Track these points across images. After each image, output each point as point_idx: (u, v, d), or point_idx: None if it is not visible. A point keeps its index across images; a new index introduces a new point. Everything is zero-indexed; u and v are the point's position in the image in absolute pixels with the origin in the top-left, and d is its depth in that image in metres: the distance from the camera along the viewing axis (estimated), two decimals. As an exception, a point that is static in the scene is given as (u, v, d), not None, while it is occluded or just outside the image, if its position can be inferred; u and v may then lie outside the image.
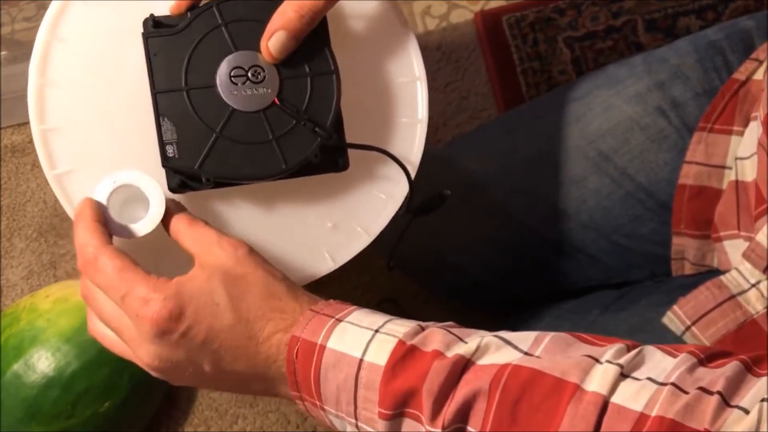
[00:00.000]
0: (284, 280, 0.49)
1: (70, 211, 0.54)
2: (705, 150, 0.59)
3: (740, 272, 0.53)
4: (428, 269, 0.74)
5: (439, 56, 1.21)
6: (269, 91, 0.51)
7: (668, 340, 0.56)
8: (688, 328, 0.55)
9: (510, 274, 0.69)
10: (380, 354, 0.42)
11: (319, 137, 0.51)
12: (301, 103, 0.51)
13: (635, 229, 0.64)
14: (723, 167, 0.59)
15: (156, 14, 0.51)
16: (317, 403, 0.45)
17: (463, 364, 0.40)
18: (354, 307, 0.47)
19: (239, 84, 0.50)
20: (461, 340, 0.42)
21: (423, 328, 0.44)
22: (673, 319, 0.55)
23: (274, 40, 0.49)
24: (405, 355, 0.41)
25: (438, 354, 0.41)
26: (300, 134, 0.51)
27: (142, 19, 0.51)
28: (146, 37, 0.51)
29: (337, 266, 0.57)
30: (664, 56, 0.66)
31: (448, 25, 1.24)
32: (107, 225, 0.50)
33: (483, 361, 0.40)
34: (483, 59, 1.20)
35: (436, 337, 0.42)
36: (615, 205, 0.64)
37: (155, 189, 0.51)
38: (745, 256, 0.53)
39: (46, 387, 0.86)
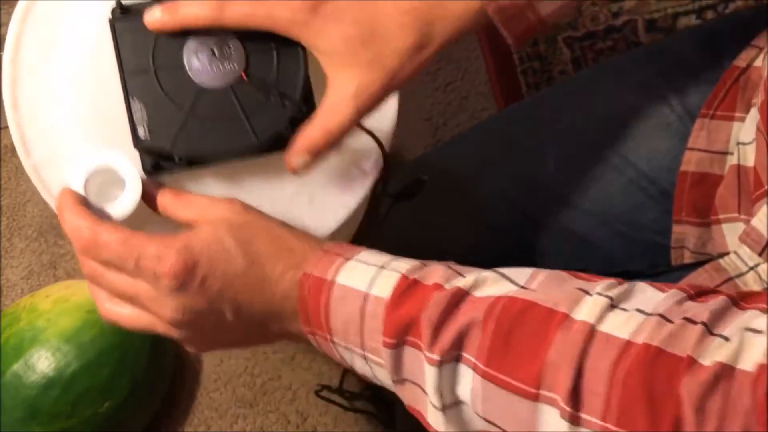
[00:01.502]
0: (285, 225, 0.50)
1: (50, 201, 0.53)
2: (707, 136, 0.60)
3: (739, 255, 0.54)
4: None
5: (439, 56, 1.21)
6: (236, 66, 0.51)
7: None
8: None
9: (511, 263, 0.69)
10: (385, 288, 0.44)
11: (289, 110, 0.51)
12: (269, 76, 0.51)
13: (636, 217, 0.64)
14: (725, 153, 0.59)
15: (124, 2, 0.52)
16: (327, 336, 0.46)
17: (461, 296, 0.42)
18: (362, 248, 0.49)
19: (206, 62, 0.51)
20: (460, 274, 0.44)
21: (425, 265, 0.45)
22: None
23: (298, 160, 0.50)
24: (407, 288, 0.43)
25: (438, 287, 0.43)
26: (270, 108, 0.51)
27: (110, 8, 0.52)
28: (113, 22, 0.51)
29: None
30: (666, 46, 0.67)
31: (448, 25, 1.24)
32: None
33: (480, 293, 0.42)
34: (483, 59, 1.20)
35: (437, 272, 0.44)
36: (616, 193, 0.64)
37: (129, 167, 0.51)
38: (741, 239, 0.53)
39: (46, 387, 0.86)
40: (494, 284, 0.42)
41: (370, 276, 0.45)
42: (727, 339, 0.34)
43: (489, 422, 0.40)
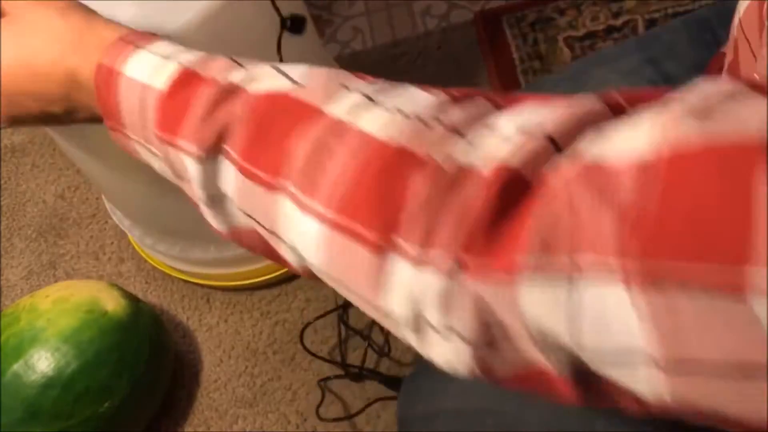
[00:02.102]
0: (80, 11, 0.49)
1: None
2: None
3: None
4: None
5: (439, 56, 1.21)
6: None
7: None
8: None
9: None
10: (162, 79, 0.43)
11: None
12: None
13: None
14: None
15: None
16: (121, 128, 0.46)
17: (232, 90, 0.41)
18: (160, 37, 0.47)
19: None
20: (241, 66, 0.43)
21: (212, 59, 0.44)
22: None
23: None
24: (183, 79, 0.42)
25: (213, 81, 0.42)
26: None
27: None
28: None
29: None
30: (657, 34, 0.67)
31: (448, 25, 1.24)
32: None
33: (252, 87, 0.41)
34: (483, 59, 1.20)
35: (218, 64, 0.43)
36: None
37: None
38: None
39: (46, 387, 0.86)
40: (269, 79, 0.41)
41: (153, 66, 0.44)
42: (471, 143, 0.33)
43: (249, 216, 0.40)
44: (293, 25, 0.60)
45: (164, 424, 1.00)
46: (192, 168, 0.41)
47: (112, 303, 0.90)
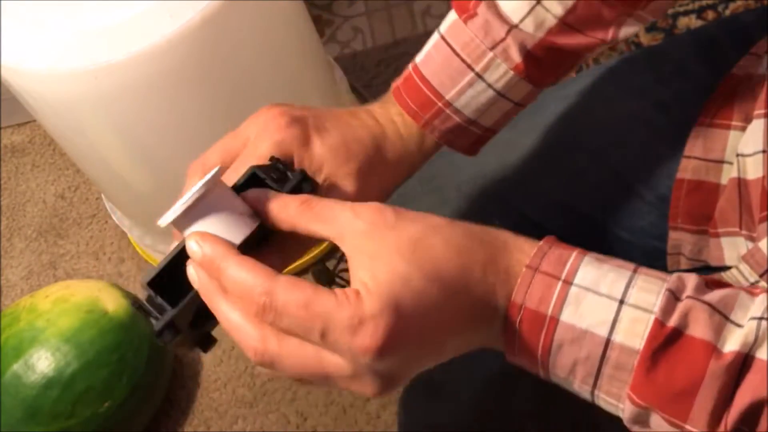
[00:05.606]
0: (452, 225, 0.40)
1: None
2: (703, 144, 0.59)
3: (740, 271, 0.53)
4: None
5: (439, 56, 1.21)
6: None
7: None
8: None
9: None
10: (633, 336, 0.37)
11: None
12: None
13: (634, 222, 0.64)
14: (721, 162, 0.59)
15: None
16: (539, 370, 0.40)
17: (742, 361, 0.35)
18: (575, 254, 0.40)
19: None
20: (729, 320, 0.36)
21: (676, 297, 0.37)
22: None
23: None
24: (667, 341, 0.36)
25: (709, 348, 0.36)
26: None
27: None
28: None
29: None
30: (665, 51, 0.66)
31: (448, 25, 1.24)
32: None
33: (765, 354, 0.35)
34: (483, 59, 1.20)
35: (699, 317, 0.36)
36: (614, 198, 0.64)
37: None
38: (745, 259, 0.53)
39: (46, 387, 0.86)
40: None
41: (610, 317, 0.37)
42: None
43: None
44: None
45: (164, 424, 1.00)
46: None
47: (113, 303, 0.90)
